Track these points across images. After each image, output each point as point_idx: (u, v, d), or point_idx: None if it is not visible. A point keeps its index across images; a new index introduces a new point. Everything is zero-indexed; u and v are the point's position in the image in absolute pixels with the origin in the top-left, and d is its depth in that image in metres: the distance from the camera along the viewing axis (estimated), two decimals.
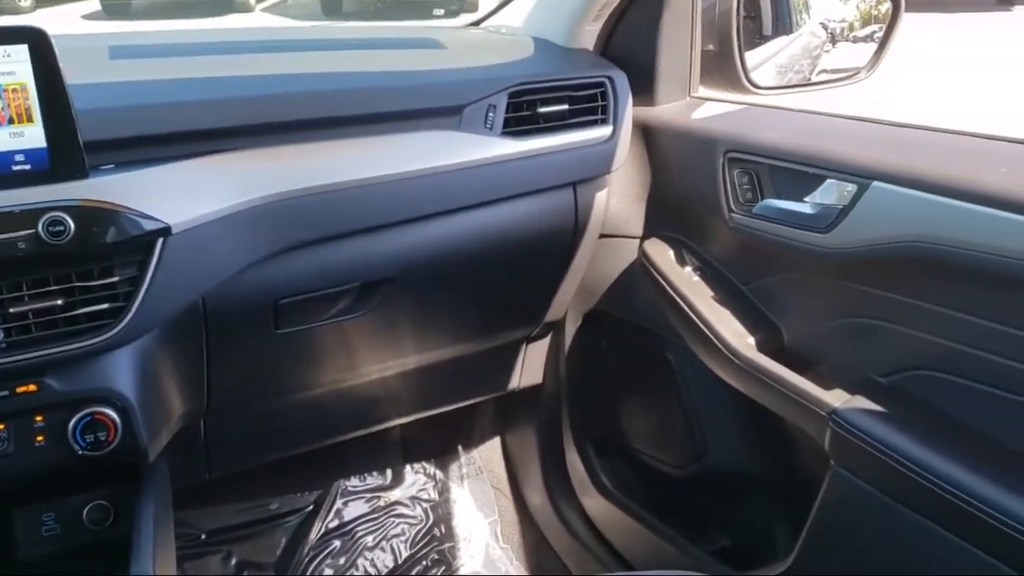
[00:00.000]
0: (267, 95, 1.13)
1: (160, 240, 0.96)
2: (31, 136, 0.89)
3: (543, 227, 1.37)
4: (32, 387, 0.95)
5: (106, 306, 0.95)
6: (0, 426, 0.95)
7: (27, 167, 0.90)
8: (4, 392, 0.94)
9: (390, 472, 1.88)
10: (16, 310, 0.91)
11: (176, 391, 1.14)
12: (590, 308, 1.60)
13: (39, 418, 0.97)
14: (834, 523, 1.15)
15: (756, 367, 1.20)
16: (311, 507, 1.78)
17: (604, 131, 1.34)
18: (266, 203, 1.05)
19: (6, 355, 0.91)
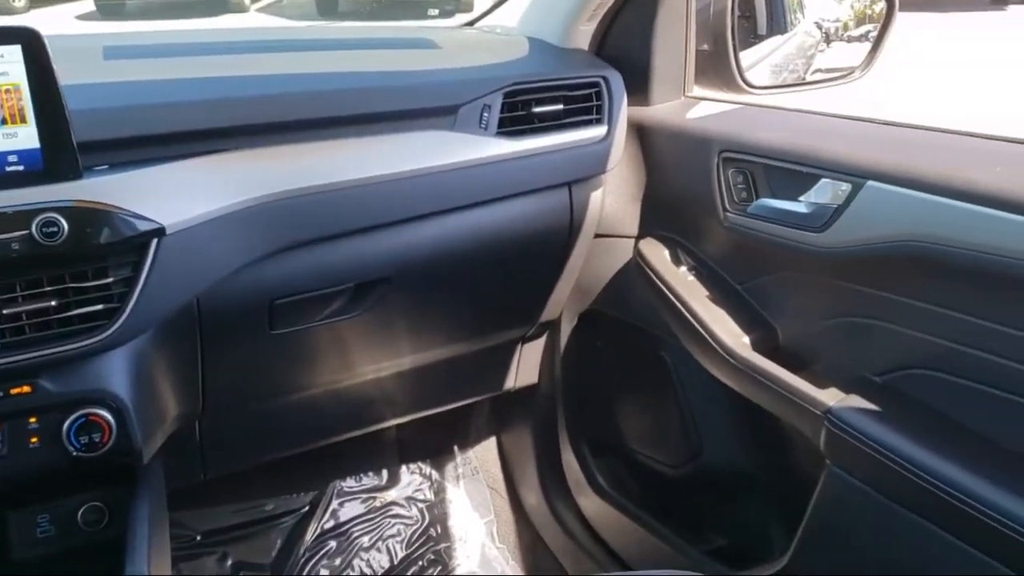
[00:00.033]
0: (261, 95, 1.13)
1: (154, 241, 0.96)
2: (24, 137, 0.89)
3: (538, 227, 1.37)
4: (26, 388, 0.95)
5: (100, 307, 0.94)
6: None
7: (20, 168, 0.89)
8: None
9: (386, 472, 1.88)
10: (9, 311, 0.91)
11: (171, 392, 1.13)
12: (585, 308, 1.60)
13: (33, 419, 0.96)
14: (829, 522, 1.16)
15: (751, 366, 1.21)
16: (307, 508, 1.78)
17: (599, 131, 1.34)
18: (260, 203, 1.05)
19: (0, 356, 0.91)
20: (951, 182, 0.99)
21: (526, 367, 1.69)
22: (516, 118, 1.28)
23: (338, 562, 1.72)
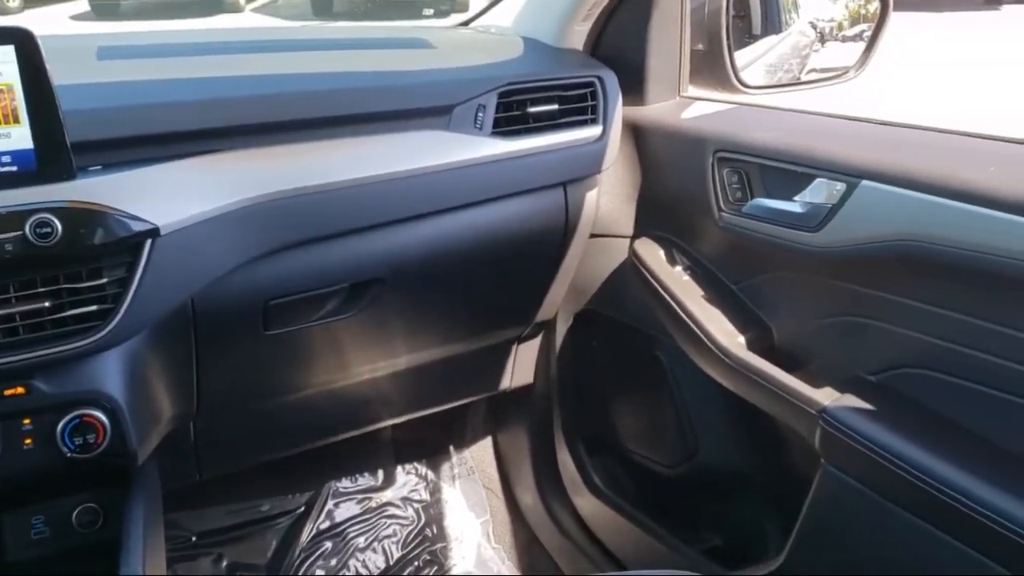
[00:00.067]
0: (256, 95, 1.13)
1: (148, 241, 0.95)
2: (18, 137, 0.89)
3: (533, 227, 1.37)
4: (20, 390, 0.95)
5: (94, 308, 0.94)
6: None
7: (14, 168, 0.89)
8: None
9: (381, 473, 1.88)
10: (3, 312, 0.90)
11: (165, 393, 1.13)
12: (581, 308, 1.60)
13: (27, 421, 0.96)
14: (824, 521, 1.16)
15: (746, 366, 1.21)
16: (302, 508, 1.78)
17: (594, 131, 1.34)
18: (255, 204, 1.05)
19: None
20: (946, 182, 0.99)
21: (522, 367, 1.69)
22: (511, 118, 1.28)
23: (334, 563, 1.72)
